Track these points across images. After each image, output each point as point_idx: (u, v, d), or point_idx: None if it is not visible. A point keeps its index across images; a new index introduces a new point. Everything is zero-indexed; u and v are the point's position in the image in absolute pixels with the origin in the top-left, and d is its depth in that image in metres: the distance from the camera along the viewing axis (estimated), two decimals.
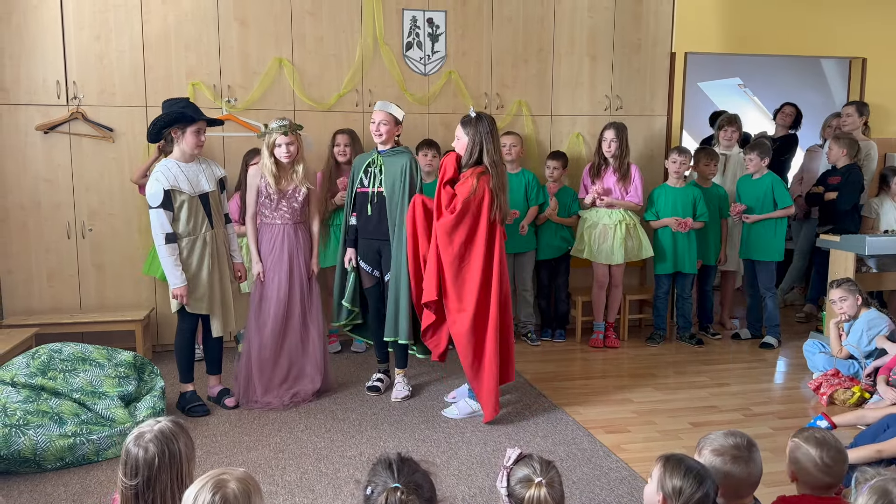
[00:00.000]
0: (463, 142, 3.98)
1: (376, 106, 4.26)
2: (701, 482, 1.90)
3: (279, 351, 4.27)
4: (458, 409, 4.13)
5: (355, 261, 4.38)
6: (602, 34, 5.71)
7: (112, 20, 4.91)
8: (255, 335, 4.24)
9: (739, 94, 8.99)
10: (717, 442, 2.16)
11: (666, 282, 5.59)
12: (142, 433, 1.98)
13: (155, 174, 3.88)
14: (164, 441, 1.95)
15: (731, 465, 2.11)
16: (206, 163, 4.09)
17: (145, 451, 1.93)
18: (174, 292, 3.93)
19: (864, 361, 4.53)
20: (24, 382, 3.58)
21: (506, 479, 1.91)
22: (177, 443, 1.97)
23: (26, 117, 4.87)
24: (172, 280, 3.91)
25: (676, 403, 4.38)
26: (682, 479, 1.90)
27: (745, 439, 2.17)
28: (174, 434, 1.99)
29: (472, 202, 3.86)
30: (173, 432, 1.99)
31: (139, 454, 1.93)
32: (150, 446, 1.94)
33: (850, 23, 6.36)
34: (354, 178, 4.35)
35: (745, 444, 2.14)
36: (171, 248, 3.87)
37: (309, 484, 3.29)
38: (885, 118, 6.56)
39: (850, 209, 5.75)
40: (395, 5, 5.32)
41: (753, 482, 2.14)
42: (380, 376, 4.49)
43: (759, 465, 2.15)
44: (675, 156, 5.45)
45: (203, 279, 3.99)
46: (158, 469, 1.93)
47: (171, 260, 3.88)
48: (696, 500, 1.88)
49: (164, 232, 3.85)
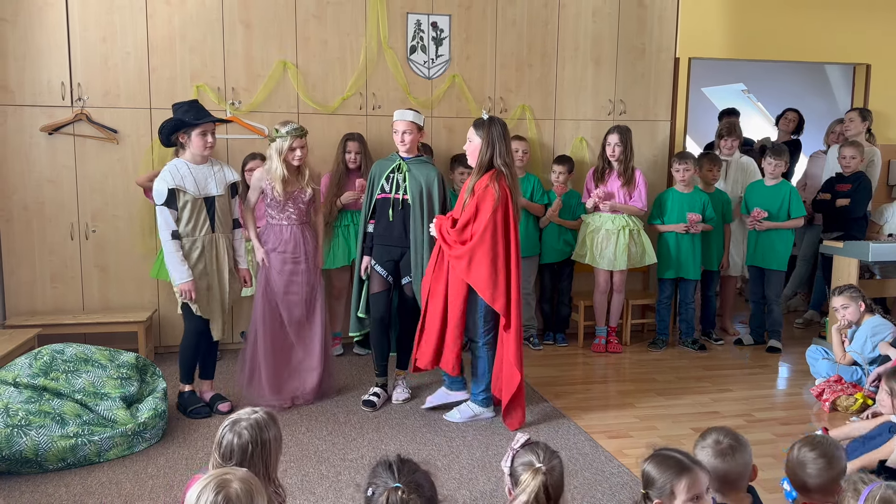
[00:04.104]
0: (475, 144, 3.98)
1: (396, 115, 4.22)
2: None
3: (284, 349, 4.26)
4: (460, 413, 4.12)
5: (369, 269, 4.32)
6: (606, 39, 5.72)
7: (117, 22, 4.93)
8: (261, 332, 4.22)
9: (743, 99, 8.98)
10: (707, 439, 2.24)
11: (669, 287, 5.59)
12: (238, 419, 2.12)
13: (162, 172, 3.91)
14: (258, 429, 2.10)
15: (716, 459, 2.17)
16: (220, 165, 4.08)
17: (239, 436, 2.07)
18: (180, 287, 3.93)
19: (868, 368, 4.52)
20: (27, 383, 3.58)
21: (510, 459, 2.00)
22: (268, 432, 2.12)
23: (31, 118, 4.88)
24: (178, 276, 3.91)
25: (678, 409, 4.37)
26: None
27: (727, 434, 2.23)
28: (267, 424, 2.13)
29: (497, 210, 3.85)
30: (266, 423, 2.13)
31: (234, 440, 2.07)
32: (245, 433, 2.08)
33: (855, 29, 6.36)
34: (375, 185, 4.28)
35: (725, 439, 2.21)
36: (177, 244, 3.91)
37: (310, 486, 3.28)
38: (889, 125, 6.55)
39: (861, 216, 5.76)
40: (400, 9, 5.33)
41: (736, 474, 2.18)
42: (376, 391, 4.35)
43: (740, 460, 2.19)
44: (677, 164, 5.45)
45: (201, 282, 3.98)
46: (251, 455, 2.07)
47: (177, 255, 3.89)
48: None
49: (170, 229, 3.89)
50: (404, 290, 4.29)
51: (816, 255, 6.31)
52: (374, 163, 4.44)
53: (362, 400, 4.33)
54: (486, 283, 3.83)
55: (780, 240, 5.47)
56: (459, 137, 5.50)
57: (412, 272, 4.22)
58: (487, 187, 3.87)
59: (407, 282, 4.26)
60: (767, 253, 5.51)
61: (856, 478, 1.99)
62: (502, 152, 3.89)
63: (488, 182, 3.87)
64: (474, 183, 3.92)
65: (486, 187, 3.87)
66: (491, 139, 3.89)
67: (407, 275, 4.25)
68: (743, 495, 2.21)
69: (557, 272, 5.65)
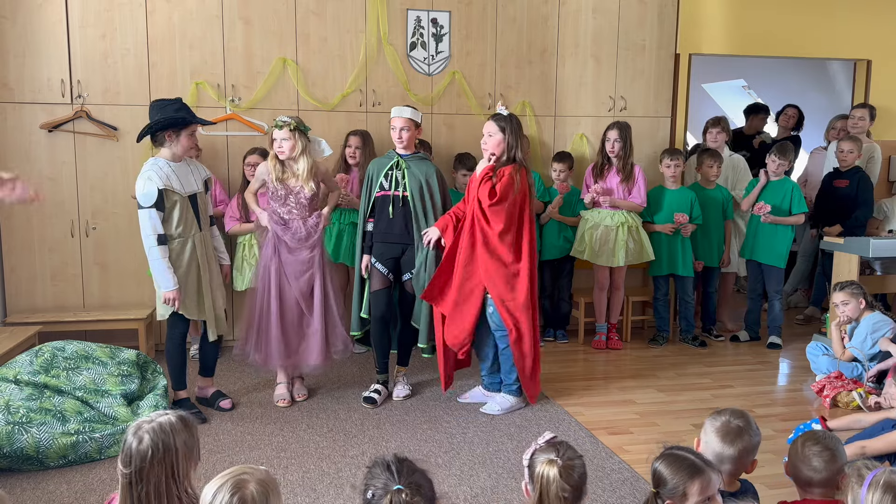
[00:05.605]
0: (497, 138, 4.01)
1: (393, 112, 4.23)
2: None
3: (287, 314, 4.16)
4: (499, 406, 4.15)
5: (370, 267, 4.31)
6: (606, 35, 5.71)
7: (117, 19, 4.92)
8: (266, 299, 4.13)
9: (744, 95, 8.97)
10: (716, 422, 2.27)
11: (664, 284, 5.59)
12: (141, 424, 1.98)
13: (146, 173, 3.75)
14: (161, 435, 1.95)
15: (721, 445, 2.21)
16: (193, 163, 4.05)
17: (139, 441, 1.93)
18: (167, 296, 3.82)
19: (868, 364, 4.52)
20: (28, 380, 3.58)
21: (531, 454, 2.00)
22: (173, 438, 1.96)
23: (31, 116, 4.88)
24: (165, 283, 3.81)
25: (679, 405, 4.37)
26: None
27: (728, 420, 2.26)
28: (173, 429, 1.97)
29: (516, 197, 3.98)
30: (173, 427, 1.98)
31: (133, 444, 1.93)
32: (146, 437, 1.93)
33: (856, 25, 6.35)
34: (373, 183, 4.28)
35: (732, 424, 2.25)
36: (164, 249, 3.78)
37: (311, 483, 3.29)
38: (890, 121, 6.54)
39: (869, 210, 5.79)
40: (400, 5, 5.33)
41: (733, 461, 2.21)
42: (377, 387, 4.35)
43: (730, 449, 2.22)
44: (667, 160, 5.46)
45: (193, 282, 3.93)
46: (151, 461, 1.92)
47: (164, 262, 3.78)
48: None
49: (157, 233, 3.75)
50: (405, 286, 4.29)
51: (817, 252, 6.31)
52: (371, 161, 4.43)
53: (363, 397, 4.32)
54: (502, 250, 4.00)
55: (780, 236, 5.47)
56: (459, 134, 5.50)
57: (416, 268, 4.22)
58: (510, 174, 3.95)
59: (408, 278, 4.26)
60: (766, 248, 5.50)
61: (860, 464, 1.99)
62: (523, 146, 4.00)
63: (511, 171, 3.96)
64: (494, 172, 4.02)
65: (508, 174, 3.95)
66: (513, 133, 3.99)
67: (408, 271, 4.25)
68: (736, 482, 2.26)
69: (557, 269, 5.65)
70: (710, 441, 2.23)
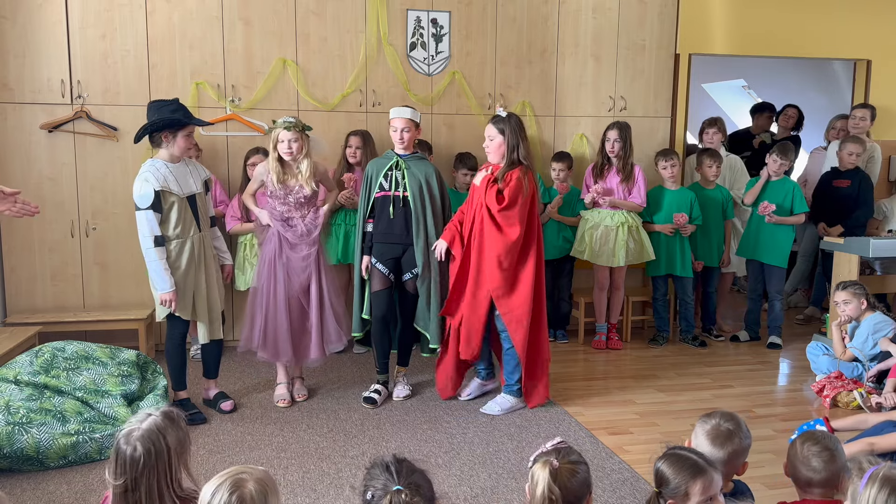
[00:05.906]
0: (498, 140, 4.01)
1: (392, 113, 4.23)
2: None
3: (289, 309, 4.17)
4: (499, 407, 4.16)
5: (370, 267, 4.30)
6: (606, 35, 5.71)
7: (117, 19, 4.92)
8: (269, 296, 4.14)
9: (744, 95, 8.97)
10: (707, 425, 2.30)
11: (662, 284, 5.59)
12: (130, 432, 1.96)
13: (143, 175, 3.75)
14: (152, 439, 1.94)
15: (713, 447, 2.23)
16: (192, 164, 4.05)
17: (134, 449, 1.93)
18: (163, 297, 3.82)
19: (869, 364, 4.52)
20: (28, 380, 3.58)
21: (534, 456, 1.99)
22: (164, 439, 1.96)
23: (31, 116, 4.88)
24: (161, 285, 3.81)
25: (679, 405, 4.38)
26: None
27: (720, 422, 2.28)
28: (161, 430, 1.97)
29: (526, 199, 3.98)
30: (161, 428, 1.97)
31: (127, 452, 1.93)
32: (138, 445, 1.93)
33: (856, 25, 6.34)
34: (372, 183, 4.27)
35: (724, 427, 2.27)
36: (161, 251, 3.77)
37: (311, 483, 3.29)
38: (890, 121, 6.54)
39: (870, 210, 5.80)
40: (400, 5, 5.33)
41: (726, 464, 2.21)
42: (378, 388, 4.34)
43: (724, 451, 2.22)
44: (664, 161, 5.46)
45: (190, 283, 3.92)
46: (145, 468, 1.92)
47: (161, 264, 3.77)
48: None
49: (154, 235, 3.75)
50: (406, 286, 4.29)
51: (817, 252, 6.30)
52: (369, 162, 4.43)
53: (363, 397, 4.32)
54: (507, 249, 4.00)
55: (780, 235, 5.47)
56: (459, 134, 5.50)
57: (417, 268, 4.22)
58: (518, 178, 3.96)
59: (408, 278, 4.26)
60: (768, 248, 5.50)
61: (862, 459, 2.00)
62: (526, 146, 4.00)
63: (519, 175, 3.97)
64: (501, 174, 4.02)
65: (516, 178, 3.95)
66: (514, 134, 3.97)
67: (409, 271, 4.25)
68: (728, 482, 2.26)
69: (557, 269, 5.64)
70: (699, 444, 2.24)
